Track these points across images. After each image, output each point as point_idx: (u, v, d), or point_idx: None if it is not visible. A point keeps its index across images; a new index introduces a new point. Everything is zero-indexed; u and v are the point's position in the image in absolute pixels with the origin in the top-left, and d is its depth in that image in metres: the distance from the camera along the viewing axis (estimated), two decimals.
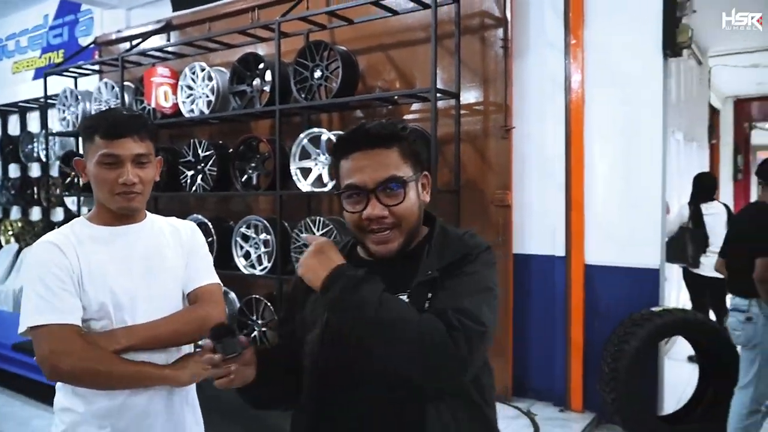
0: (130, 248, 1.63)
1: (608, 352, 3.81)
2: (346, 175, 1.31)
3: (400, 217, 1.30)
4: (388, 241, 1.31)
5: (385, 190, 1.29)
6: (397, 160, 1.30)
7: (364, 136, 1.31)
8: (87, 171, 1.62)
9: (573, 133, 4.24)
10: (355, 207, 1.30)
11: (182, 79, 5.47)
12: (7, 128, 8.67)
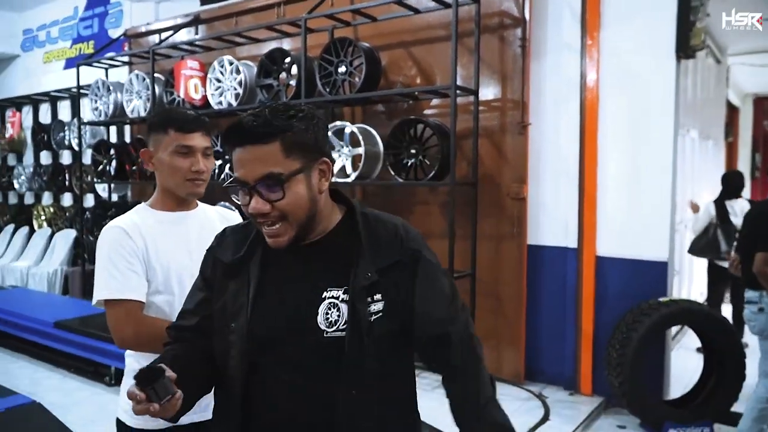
0: (188, 232, 1.85)
1: (616, 339, 4.01)
2: (234, 168, 1.29)
3: (284, 211, 1.25)
4: (278, 235, 1.27)
5: (265, 186, 1.24)
6: (278, 155, 1.23)
7: (241, 131, 1.25)
8: (155, 160, 1.83)
9: (587, 130, 4.41)
10: (242, 200, 1.28)
11: (211, 72, 5.70)
12: (38, 116, 8.97)
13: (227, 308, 1.33)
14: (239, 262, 1.35)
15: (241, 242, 1.37)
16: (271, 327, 1.29)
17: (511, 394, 4.50)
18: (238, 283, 1.33)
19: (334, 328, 1.26)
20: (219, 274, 1.37)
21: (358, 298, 1.26)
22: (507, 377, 4.72)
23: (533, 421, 4.03)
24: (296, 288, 1.31)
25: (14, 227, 9.00)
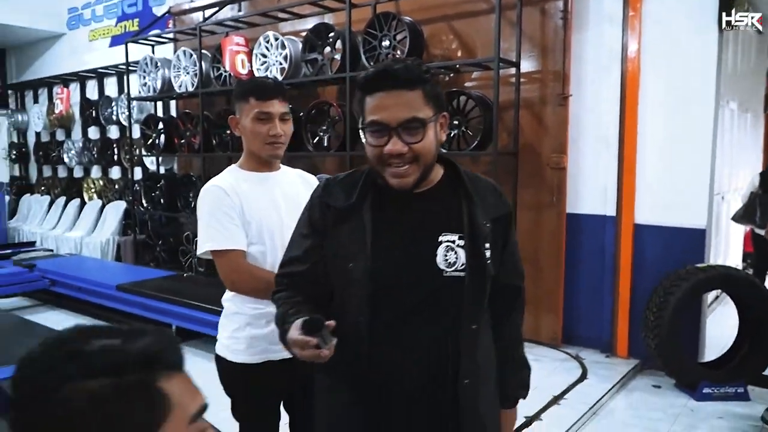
0: (273, 190, 2.05)
1: (654, 303, 4.17)
2: (370, 111, 1.36)
3: (419, 153, 1.36)
4: (405, 175, 1.36)
5: (407, 129, 1.34)
6: (420, 102, 1.34)
7: (391, 77, 1.34)
8: (240, 126, 2.03)
9: (627, 101, 4.52)
10: (377, 141, 1.36)
11: (257, 48, 5.89)
12: (86, 93, 9.29)
13: (344, 251, 1.42)
14: (352, 207, 1.43)
15: (351, 190, 1.45)
16: (392, 266, 1.39)
17: (549, 356, 4.69)
18: (353, 226, 1.42)
19: (453, 269, 1.39)
20: (330, 220, 1.45)
21: (477, 243, 1.40)
22: (545, 340, 4.91)
23: (571, 380, 4.22)
24: (413, 232, 1.42)
25: (66, 199, 9.40)
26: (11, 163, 10.96)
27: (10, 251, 7.50)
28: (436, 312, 1.40)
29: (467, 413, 1.42)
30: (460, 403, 1.41)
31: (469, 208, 1.42)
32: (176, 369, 0.75)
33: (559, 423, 3.57)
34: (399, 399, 1.41)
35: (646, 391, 4.18)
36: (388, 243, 1.40)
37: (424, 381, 1.40)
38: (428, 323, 1.40)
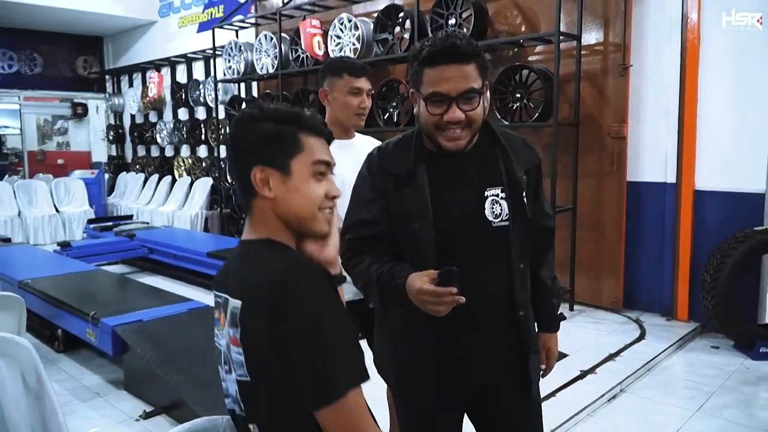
0: (351, 155, 2.40)
1: (711, 265, 4.29)
2: (431, 83, 1.50)
3: (472, 119, 1.52)
4: (459, 139, 1.53)
5: (465, 98, 1.50)
6: (475, 74, 1.50)
7: (451, 50, 1.48)
8: (330, 98, 2.38)
9: (688, 70, 4.60)
10: (437, 110, 1.51)
11: (332, 29, 6.28)
12: (176, 76, 10.01)
13: (408, 212, 1.58)
14: (409, 172, 1.59)
15: (405, 156, 1.61)
16: (450, 221, 1.57)
17: (609, 319, 4.89)
18: (413, 189, 1.58)
19: (499, 219, 1.57)
20: (391, 184, 1.61)
21: (516, 194, 1.59)
22: (606, 304, 5.10)
23: (628, 340, 4.42)
24: (462, 189, 1.60)
25: (158, 177, 10.21)
26: (109, 144, 11.92)
27: (111, 223, 8.29)
28: (490, 256, 1.60)
29: (525, 339, 1.65)
30: (520, 330, 1.63)
31: (506, 164, 1.60)
32: (315, 132, 1.26)
33: (612, 377, 3.79)
34: (466, 330, 1.59)
35: (704, 352, 4.32)
36: (444, 201, 1.57)
37: (487, 314, 1.60)
38: (484, 266, 1.59)
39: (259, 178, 1.20)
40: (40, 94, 11.43)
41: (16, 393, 1.87)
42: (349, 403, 1.10)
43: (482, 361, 1.63)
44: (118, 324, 3.68)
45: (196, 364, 3.27)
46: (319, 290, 1.15)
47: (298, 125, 1.23)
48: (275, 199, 1.21)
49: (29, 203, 9.31)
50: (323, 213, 1.26)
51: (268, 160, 1.21)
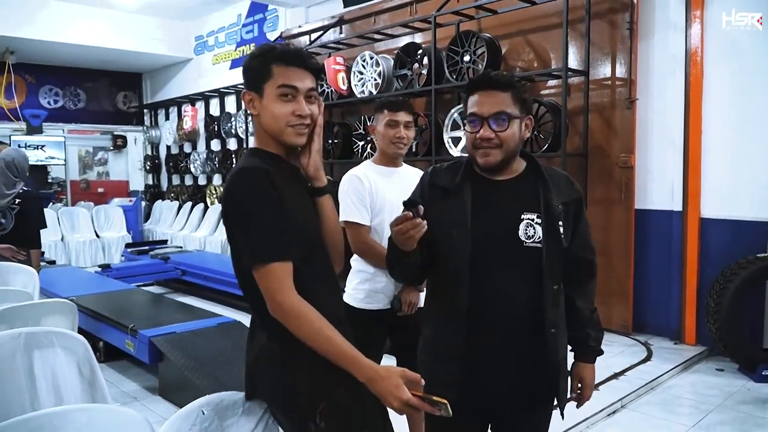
0: (396, 181, 2.68)
1: (714, 290, 4.48)
2: (471, 106, 1.76)
3: (503, 140, 1.72)
4: (490, 156, 1.73)
5: (495, 119, 1.71)
6: (508, 101, 1.72)
7: (488, 81, 1.75)
8: (376, 131, 2.71)
9: (691, 102, 4.85)
10: (473, 129, 1.75)
11: (355, 66, 6.68)
12: (209, 110, 10.54)
13: (448, 221, 1.75)
14: (456, 187, 1.79)
15: (454, 174, 1.82)
16: (486, 234, 1.74)
17: (618, 342, 5.07)
18: (456, 202, 1.77)
19: (531, 241, 1.73)
20: (437, 195, 1.81)
21: (551, 221, 1.74)
22: (616, 328, 5.28)
23: (635, 361, 4.59)
24: (501, 209, 1.78)
25: (191, 204, 10.69)
26: (146, 173, 12.50)
27: (147, 248, 8.75)
28: (521, 273, 1.74)
29: (551, 356, 1.76)
30: (548, 347, 1.74)
31: (545, 194, 1.76)
32: (285, 62, 1.57)
33: (615, 393, 3.98)
34: (493, 338, 1.74)
35: (708, 374, 4.48)
36: (483, 217, 1.76)
37: (515, 327, 1.74)
38: (514, 281, 1.74)
39: (247, 100, 1.63)
40: (82, 127, 12.09)
41: (73, 381, 2.20)
42: (267, 271, 1.50)
43: (506, 372, 1.76)
44: (155, 335, 4.03)
45: (225, 371, 3.58)
46: (252, 182, 1.52)
47: (271, 58, 1.58)
48: (259, 116, 1.62)
49: (72, 229, 9.86)
50: (293, 128, 1.59)
51: (251, 85, 1.61)
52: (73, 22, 9.49)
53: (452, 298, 1.75)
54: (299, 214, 1.59)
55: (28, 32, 9.16)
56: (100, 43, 9.84)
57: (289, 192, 1.57)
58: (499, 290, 1.74)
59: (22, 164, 4.27)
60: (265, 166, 1.54)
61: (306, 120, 1.60)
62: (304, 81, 1.59)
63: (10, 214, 4.17)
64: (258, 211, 1.50)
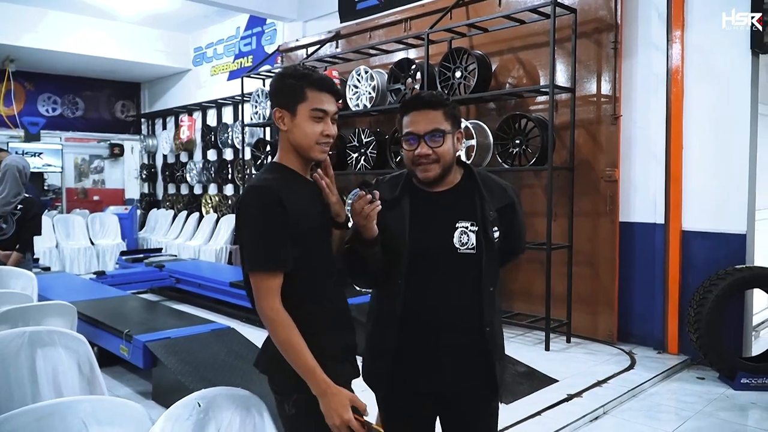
0: None
1: (695, 300, 4.61)
2: (406, 125, 1.88)
3: (440, 155, 1.84)
4: (429, 171, 1.86)
5: (431, 137, 1.83)
6: (441, 119, 1.85)
7: (421, 101, 1.88)
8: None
9: (673, 119, 5.01)
10: (410, 147, 1.87)
11: (350, 79, 6.83)
12: (206, 120, 10.68)
13: (389, 231, 1.86)
14: (395, 199, 1.90)
15: (394, 187, 1.94)
16: (423, 242, 1.86)
17: (603, 351, 5.19)
18: (396, 213, 1.88)
19: (465, 247, 1.85)
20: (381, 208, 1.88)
21: (486, 228, 1.86)
22: (601, 337, 5.41)
23: (618, 369, 4.72)
24: (437, 219, 1.89)
25: (187, 213, 10.80)
26: (142, 182, 12.61)
27: (142, 255, 8.85)
28: (457, 278, 1.88)
29: (492, 349, 1.89)
30: (485, 343, 1.87)
31: (481, 202, 1.88)
32: (318, 88, 1.77)
33: (597, 400, 4.10)
34: (427, 335, 1.87)
35: (689, 382, 4.61)
36: (420, 227, 1.87)
37: (449, 326, 1.86)
38: (449, 286, 1.88)
39: (277, 116, 1.81)
40: (80, 135, 12.22)
41: (73, 378, 2.31)
42: (256, 279, 1.72)
43: (439, 362, 1.87)
44: (149, 340, 4.13)
45: (218, 375, 3.68)
46: (259, 200, 1.72)
47: (307, 83, 1.77)
48: (288, 131, 1.81)
49: (67, 236, 9.95)
50: (320, 146, 1.80)
51: (284, 104, 1.79)
52: (74, 31, 9.66)
53: (389, 302, 1.89)
54: (305, 222, 1.77)
55: (28, 41, 9.32)
56: (101, 52, 10.00)
57: (299, 203, 1.76)
58: (434, 295, 1.87)
59: (28, 172, 4.44)
60: (276, 188, 1.73)
61: (330, 139, 1.84)
62: (332, 105, 1.82)
63: (11, 220, 4.29)
64: (258, 226, 1.71)
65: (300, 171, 1.84)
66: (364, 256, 1.84)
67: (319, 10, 8.22)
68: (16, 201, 4.28)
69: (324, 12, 8.13)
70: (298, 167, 1.83)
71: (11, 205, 4.26)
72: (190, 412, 1.67)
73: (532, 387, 4.26)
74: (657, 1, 5.08)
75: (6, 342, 2.20)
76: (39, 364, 2.26)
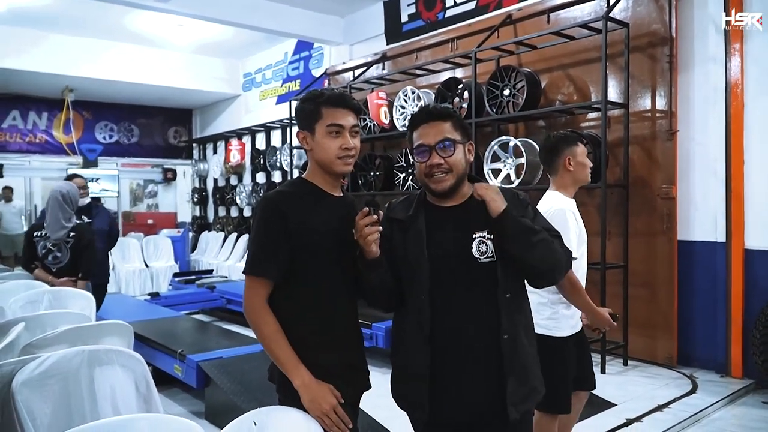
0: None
1: (760, 321, 4.40)
2: (416, 139, 1.90)
3: (452, 165, 1.85)
4: (443, 181, 1.86)
5: (442, 146, 1.85)
6: (450, 129, 1.87)
7: (428, 113, 1.91)
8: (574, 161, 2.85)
9: (733, 133, 4.83)
10: (422, 159, 1.88)
11: (397, 100, 6.86)
12: (255, 143, 10.89)
13: (408, 251, 1.89)
14: (410, 219, 1.92)
15: (407, 207, 1.95)
16: (443, 255, 1.86)
17: (663, 374, 4.99)
18: (412, 231, 1.90)
19: (484, 257, 1.84)
20: (395, 228, 1.93)
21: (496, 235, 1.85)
22: (661, 361, 5.21)
23: (680, 393, 4.52)
24: (454, 232, 1.89)
25: (237, 235, 10.97)
26: (193, 205, 12.91)
27: (194, 277, 9.00)
28: (479, 287, 1.86)
29: (507, 361, 1.83)
30: (502, 353, 1.83)
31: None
32: (332, 105, 1.86)
33: (658, 425, 3.93)
34: (457, 349, 1.85)
35: (755, 407, 4.37)
36: (438, 241, 1.88)
37: (475, 339, 1.84)
38: (473, 297, 1.86)
39: (301, 138, 1.94)
40: (135, 161, 12.63)
41: (130, 397, 2.33)
42: (246, 281, 1.86)
43: (469, 382, 1.84)
44: (202, 360, 4.17)
45: (269, 395, 3.66)
46: (263, 209, 1.85)
47: (320, 102, 1.87)
48: (311, 150, 1.92)
49: (122, 258, 10.22)
50: (341, 159, 1.89)
51: (304, 125, 1.92)
52: (130, 61, 10.03)
53: (415, 320, 1.88)
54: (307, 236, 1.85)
55: (87, 71, 9.72)
56: (155, 81, 10.35)
57: (305, 217, 1.86)
58: (460, 308, 1.86)
59: (75, 197, 4.40)
60: (279, 200, 1.85)
61: (351, 152, 1.90)
62: (348, 119, 1.88)
63: (65, 248, 4.31)
64: (256, 234, 1.86)
65: (325, 187, 1.93)
66: (364, 277, 1.87)
67: (365, 33, 8.33)
68: (67, 227, 4.27)
69: (370, 35, 8.23)
70: (323, 183, 1.93)
71: (64, 230, 4.27)
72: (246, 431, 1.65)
73: (589, 411, 4.10)
74: (714, 14, 4.93)
75: (66, 360, 2.24)
76: (97, 383, 2.29)
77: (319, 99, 1.88)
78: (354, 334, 1.98)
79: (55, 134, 11.41)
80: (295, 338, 1.83)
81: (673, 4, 5.07)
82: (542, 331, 2.73)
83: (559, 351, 2.74)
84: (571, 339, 2.81)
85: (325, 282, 1.89)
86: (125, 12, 8.13)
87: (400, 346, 1.98)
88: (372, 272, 1.85)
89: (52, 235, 4.27)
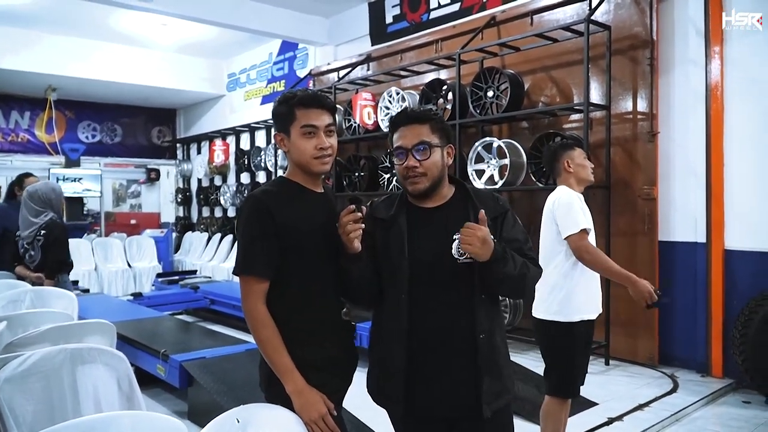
0: None
1: (740, 322, 4.46)
2: (395, 141, 1.92)
3: (427, 168, 1.87)
4: (419, 183, 1.88)
5: (418, 149, 1.87)
6: (427, 132, 1.89)
7: (407, 116, 1.93)
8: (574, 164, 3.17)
9: (713, 135, 4.90)
10: (400, 161, 1.90)
11: (381, 101, 6.88)
12: (240, 144, 10.85)
13: (389, 249, 1.92)
14: (392, 218, 1.95)
15: (389, 206, 1.98)
16: (423, 255, 1.89)
17: (644, 374, 5.05)
18: (394, 230, 1.93)
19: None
20: (378, 227, 1.96)
21: None
22: (642, 360, 5.27)
23: (660, 393, 4.57)
24: (434, 232, 1.91)
25: (220, 236, 10.92)
26: (177, 205, 12.82)
27: (177, 277, 8.95)
28: (457, 286, 1.89)
29: (483, 360, 1.88)
30: (478, 351, 1.87)
31: (474, 212, 1.88)
32: (305, 105, 1.88)
33: (639, 424, 3.98)
34: (434, 346, 1.89)
35: (735, 406, 4.43)
36: (418, 241, 1.91)
37: (452, 337, 1.88)
38: (452, 295, 1.89)
39: (278, 140, 1.96)
40: (118, 160, 12.54)
41: (113, 395, 2.32)
42: (241, 281, 1.87)
43: (445, 378, 1.89)
44: (185, 360, 4.15)
45: (253, 395, 3.65)
46: (250, 208, 1.87)
47: (293, 103, 1.90)
48: (288, 152, 1.94)
49: (105, 259, 10.13)
50: (318, 159, 1.90)
51: (280, 128, 1.94)
52: (114, 61, 9.95)
53: (393, 318, 1.92)
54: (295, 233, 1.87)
55: (69, 71, 9.63)
56: (139, 80, 10.28)
57: (292, 214, 1.87)
58: (438, 307, 1.89)
59: (47, 195, 4.30)
60: (266, 199, 1.86)
61: (327, 151, 1.92)
62: (322, 118, 1.90)
63: (37, 246, 4.27)
64: (244, 233, 1.87)
65: (306, 184, 1.96)
66: (345, 268, 1.89)
67: (350, 34, 8.34)
68: (35, 224, 4.22)
69: (355, 35, 8.24)
70: (303, 181, 1.95)
71: (33, 227, 4.22)
72: (229, 428, 1.65)
73: (571, 410, 4.14)
74: (695, 17, 5.01)
75: (48, 358, 2.23)
76: (80, 381, 2.28)
77: (292, 101, 1.90)
78: (339, 328, 1.99)
79: (38, 134, 11.28)
80: (286, 334, 1.84)
81: (654, 7, 5.15)
82: (553, 315, 2.94)
83: (568, 335, 2.92)
84: (582, 324, 2.98)
85: (315, 278, 1.91)
86: (109, 11, 8.06)
87: (379, 341, 2.01)
88: (352, 265, 1.88)
89: (22, 233, 4.29)
